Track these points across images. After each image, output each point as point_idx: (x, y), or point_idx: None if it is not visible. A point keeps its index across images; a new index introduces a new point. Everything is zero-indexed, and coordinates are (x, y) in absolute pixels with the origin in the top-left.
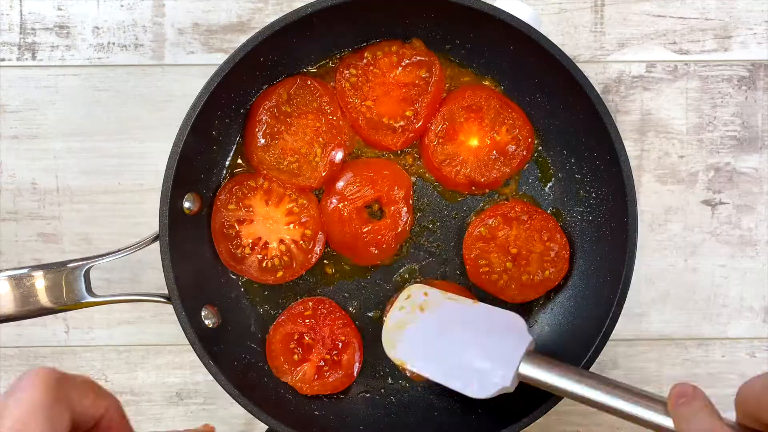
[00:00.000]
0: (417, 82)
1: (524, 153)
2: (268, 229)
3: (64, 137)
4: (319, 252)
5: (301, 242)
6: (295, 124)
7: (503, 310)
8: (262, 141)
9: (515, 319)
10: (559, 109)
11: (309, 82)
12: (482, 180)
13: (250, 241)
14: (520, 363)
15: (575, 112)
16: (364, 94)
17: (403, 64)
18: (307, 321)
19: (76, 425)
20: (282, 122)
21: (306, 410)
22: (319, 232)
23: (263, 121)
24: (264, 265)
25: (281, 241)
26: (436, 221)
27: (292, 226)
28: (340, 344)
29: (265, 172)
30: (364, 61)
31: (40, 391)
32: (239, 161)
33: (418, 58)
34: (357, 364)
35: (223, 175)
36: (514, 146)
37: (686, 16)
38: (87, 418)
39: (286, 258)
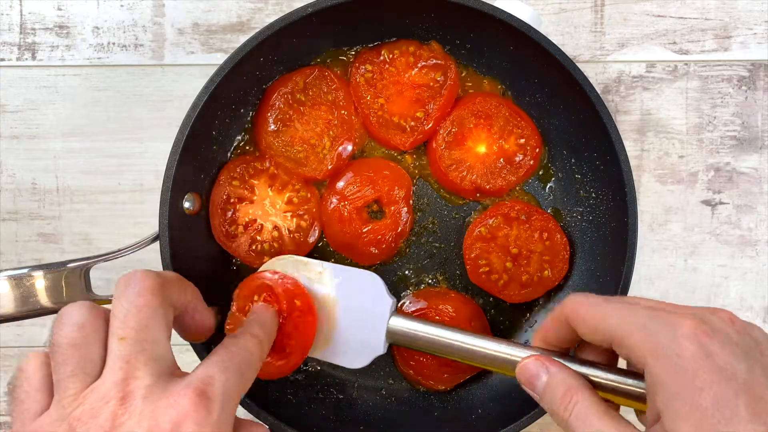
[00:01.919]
0: (431, 84)
1: (531, 162)
2: (265, 212)
3: (64, 137)
4: (311, 244)
5: (295, 234)
6: (308, 113)
7: (360, 270)
8: (273, 126)
9: (374, 280)
10: (559, 109)
11: (327, 74)
12: (488, 187)
13: (246, 220)
14: (387, 327)
15: (575, 112)
16: (377, 91)
17: (419, 65)
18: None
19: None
20: (295, 110)
21: (306, 410)
22: (315, 227)
23: (276, 106)
24: (254, 247)
25: (275, 227)
26: (436, 221)
27: (289, 215)
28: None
29: (271, 157)
30: (381, 58)
31: (152, 297)
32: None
33: (434, 60)
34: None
35: None
36: (521, 155)
37: (686, 16)
38: (179, 309)
39: (276, 245)
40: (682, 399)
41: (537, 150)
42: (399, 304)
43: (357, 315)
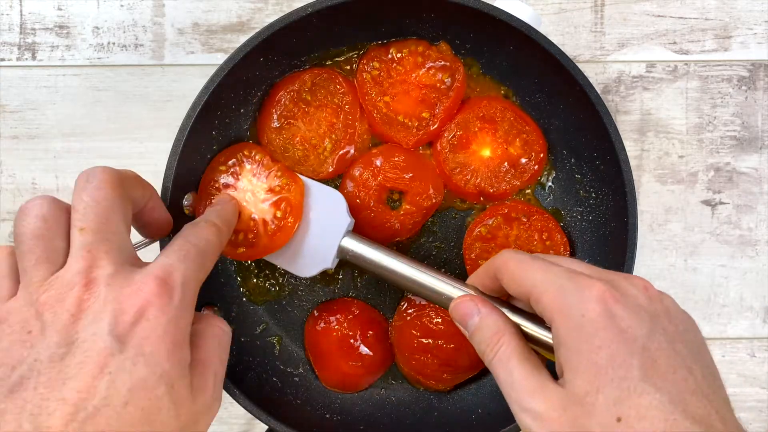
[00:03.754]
0: (438, 85)
1: (535, 167)
2: (246, 201)
3: (64, 137)
4: (285, 240)
5: (271, 224)
6: (312, 114)
7: (327, 187)
8: (276, 123)
9: (338, 198)
10: (559, 109)
11: (336, 77)
12: (491, 191)
13: None
14: (340, 243)
15: (575, 112)
16: (383, 89)
17: (427, 65)
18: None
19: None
20: (300, 109)
21: (306, 410)
22: (290, 218)
23: (282, 103)
24: (231, 237)
25: (251, 216)
26: (436, 221)
27: (267, 204)
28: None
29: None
30: (389, 56)
31: (111, 190)
32: None
33: (442, 62)
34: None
35: None
36: (525, 160)
37: (686, 16)
38: (138, 206)
39: (251, 236)
40: (580, 355)
41: (541, 155)
42: (399, 304)
43: (314, 227)
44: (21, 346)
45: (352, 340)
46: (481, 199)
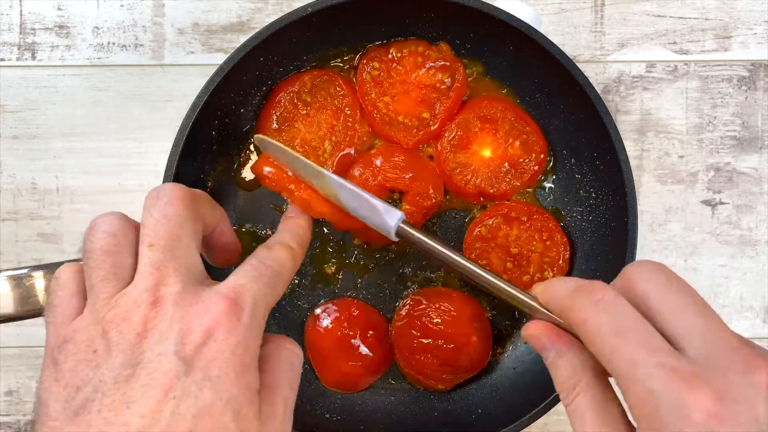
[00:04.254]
0: (438, 85)
1: (536, 168)
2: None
3: (64, 137)
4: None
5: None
6: (312, 115)
7: (363, 193)
8: (276, 125)
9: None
10: (559, 109)
11: (336, 79)
12: (492, 191)
13: None
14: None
15: (575, 112)
16: (383, 89)
17: (427, 66)
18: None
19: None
20: (299, 110)
21: (306, 410)
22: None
23: (282, 104)
24: None
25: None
26: (436, 221)
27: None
28: None
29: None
30: (389, 56)
31: (182, 207)
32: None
33: (442, 62)
34: None
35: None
36: (526, 161)
37: (686, 16)
38: (208, 227)
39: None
40: None
41: (542, 155)
42: (398, 304)
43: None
44: (86, 366)
45: (352, 340)
46: (481, 199)
